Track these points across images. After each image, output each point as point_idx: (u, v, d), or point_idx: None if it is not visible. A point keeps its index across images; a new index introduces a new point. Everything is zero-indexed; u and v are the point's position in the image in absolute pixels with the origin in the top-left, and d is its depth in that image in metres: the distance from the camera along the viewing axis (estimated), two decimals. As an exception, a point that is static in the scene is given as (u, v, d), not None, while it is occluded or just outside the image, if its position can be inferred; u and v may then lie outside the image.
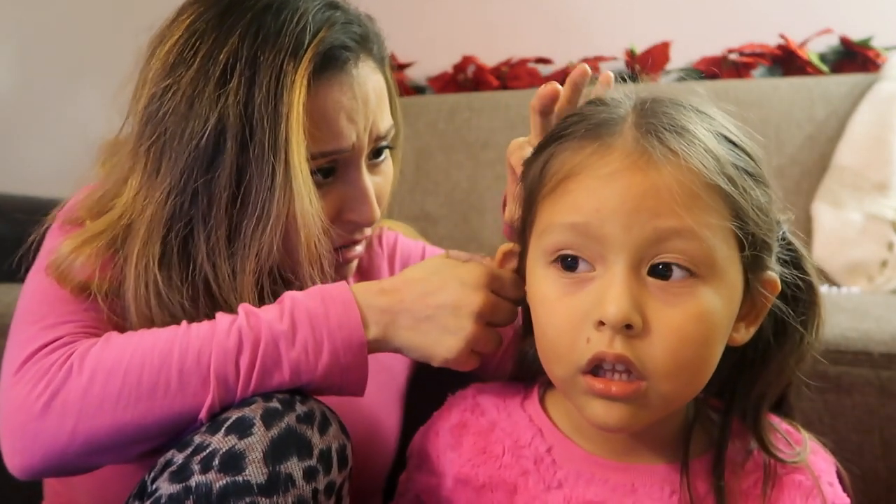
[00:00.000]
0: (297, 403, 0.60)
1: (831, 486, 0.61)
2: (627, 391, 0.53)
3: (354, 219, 0.74)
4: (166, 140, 0.67)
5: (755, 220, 0.54)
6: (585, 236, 0.54)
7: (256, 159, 0.66)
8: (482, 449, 0.63)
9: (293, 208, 0.66)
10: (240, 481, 0.55)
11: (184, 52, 0.68)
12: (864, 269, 1.39)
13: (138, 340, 0.62)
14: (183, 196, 0.67)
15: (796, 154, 1.51)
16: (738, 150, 0.56)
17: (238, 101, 0.65)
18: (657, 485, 0.59)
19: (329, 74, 0.69)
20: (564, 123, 0.59)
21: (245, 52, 0.66)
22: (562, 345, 0.55)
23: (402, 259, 0.91)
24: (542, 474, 0.61)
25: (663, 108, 0.56)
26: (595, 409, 0.55)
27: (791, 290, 0.60)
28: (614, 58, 1.81)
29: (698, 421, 0.62)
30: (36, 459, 0.60)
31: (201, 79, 0.66)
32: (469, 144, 1.67)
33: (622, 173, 0.52)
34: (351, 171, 0.73)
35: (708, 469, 0.59)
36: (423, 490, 0.67)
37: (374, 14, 0.77)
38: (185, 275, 0.67)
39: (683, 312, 0.52)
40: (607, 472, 0.60)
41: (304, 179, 0.67)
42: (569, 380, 0.56)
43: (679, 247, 0.52)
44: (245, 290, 0.67)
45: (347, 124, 0.70)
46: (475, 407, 0.66)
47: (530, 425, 0.63)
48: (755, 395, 0.61)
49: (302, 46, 0.67)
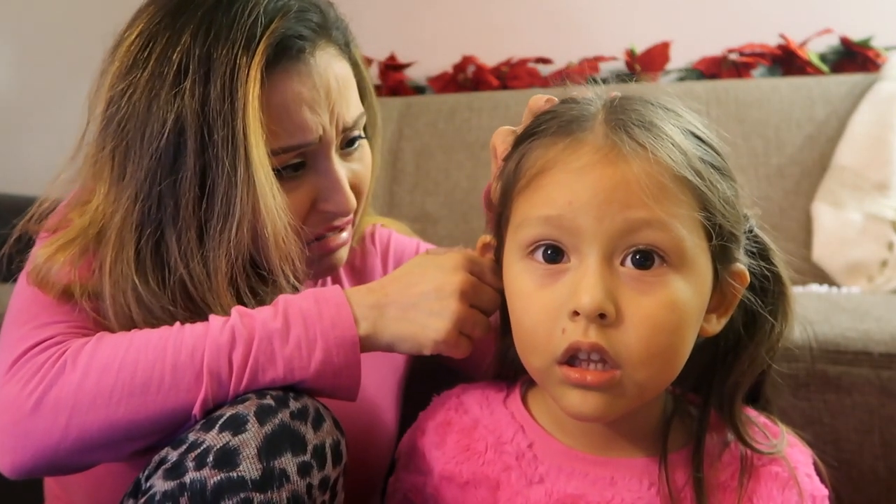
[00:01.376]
0: (291, 400, 0.60)
1: (808, 478, 0.62)
2: (602, 380, 0.54)
3: (330, 209, 0.73)
4: (128, 143, 0.67)
5: (722, 212, 0.56)
6: (559, 229, 0.55)
7: (217, 157, 0.65)
8: (465, 446, 0.64)
9: (257, 204, 0.66)
10: (234, 477, 0.55)
11: (138, 54, 0.67)
12: (864, 269, 1.39)
13: (132, 338, 0.63)
14: (150, 200, 0.66)
15: (796, 154, 1.51)
16: (705, 145, 0.58)
17: (194, 99, 0.65)
18: (636, 478, 0.60)
19: (285, 65, 0.68)
20: (538, 121, 0.61)
21: (198, 50, 0.66)
22: (538, 336, 0.56)
23: (395, 256, 0.90)
24: (524, 469, 0.62)
25: (632, 105, 0.58)
26: (571, 399, 0.56)
27: (760, 282, 0.62)
28: (614, 58, 1.81)
29: (676, 415, 0.63)
30: (27, 457, 0.60)
31: (156, 80, 0.66)
32: (469, 144, 1.67)
33: (593, 167, 0.54)
34: (321, 161, 0.72)
35: (686, 462, 0.61)
36: (410, 489, 0.68)
37: (375, 14, 0.77)
38: (160, 278, 0.67)
39: (655, 301, 0.54)
40: (587, 465, 0.61)
41: (266, 174, 0.66)
42: (545, 370, 0.57)
43: (650, 237, 0.54)
44: (220, 289, 0.67)
45: (311, 116, 0.69)
46: (459, 405, 0.67)
47: (512, 422, 0.64)
48: (729, 385, 0.63)
49: (255, 39, 0.66)
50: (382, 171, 1.69)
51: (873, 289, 1.37)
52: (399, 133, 1.71)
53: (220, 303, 0.67)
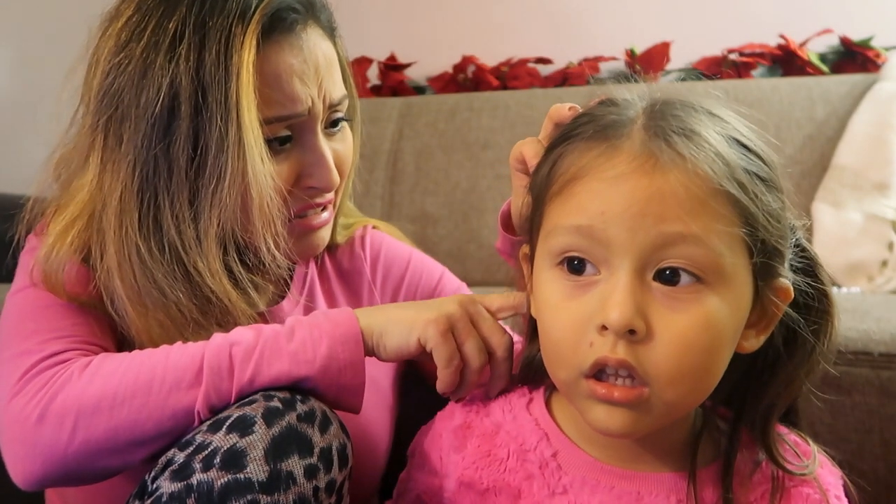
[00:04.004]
0: (298, 403, 0.60)
1: (839, 501, 0.60)
2: (630, 397, 0.52)
3: (314, 184, 0.75)
4: (124, 111, 0.69)
5: (765, 227, 0.53)
6: (590, 239, 0.53)
7: (210, 120, 0.67)
8: (486, 452, 0.62)
9: (245, 166, 0.67)
10: (241, 479, 0.55)
11: (135, 28, 0.69)
12: (864, 269, 1.39)
13: (136, 353, 0.64)
14: (146, 165, 0.68)
15: (796, 154, 1.51)
16: (751, 154, 0.54)
17: (189, 64, 0.67)
18: (663, 493, 0.58)
19: (278, 36, 0.70)
20: (574, 124, 0.59)
21: (193, 19, 0.68)
22: (565, 348, 0.54)
23: (385, 265, 0.90)
24: (547, 479, 0.60)
25: (673, 110, 0.54)
26: (597, 414, 0.54)
27: (803, 299, 0.58)
28: (614, 58, 1.81)
29: (706, 430, 0.61)
30: (37, 466, 0.60)
31: (152, 49, 0.68)
32: (469, 144, 1.67)
33: (628, 176, 0.52)
34: (307, 136, 0.74)
35: (715, 479, 0.59)
36: (424, 491, 0.66)
37: (375, 14, 0.78)
38: (158, 243, 0.69)
39: (688, 319, 0.51)
40: (613, 479, 0.59)
41: (256, 138, 0.68)
42: (572, 383, 0.55)
43: (685, 252, 0.51)
44: (210, 254, 0.69)
45: (301, 87, 0.71)
46: (480, 408, 0.66)
47: (536, 429, 0.63)
48: (764, 405, 0.60)
49: (249, 9, 0.69)
50: (382, 171, 1.69)
51: (873, 289, 1.37)
52: (399, 133, 1.71)
53: (210, 269, 0.69)
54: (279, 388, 0.62)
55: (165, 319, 0.69)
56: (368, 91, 1.95)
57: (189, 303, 0.69)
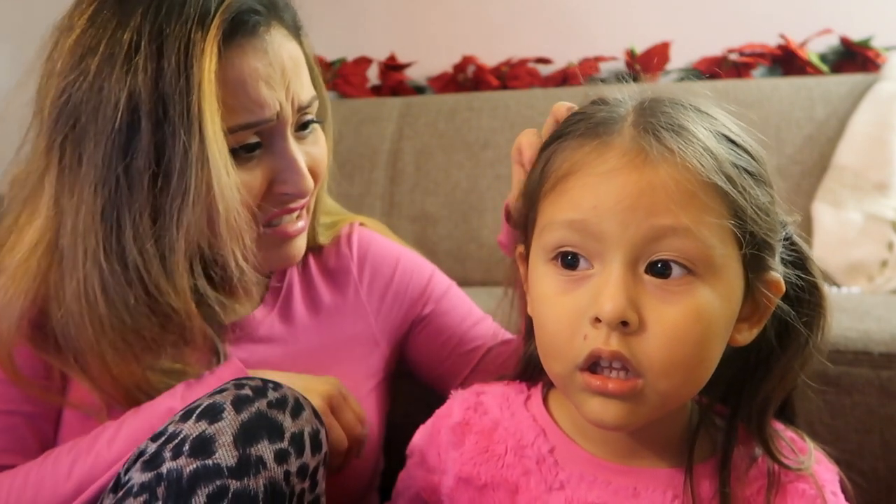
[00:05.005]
0: (270, 391, 0.61)
1: (835, 496, 0.61)
2: (624, 388, 0.53)
3: (287, 190, 0.73)
4: (81, 129, 0.66)
5: (754, 219, 0.54)
6: (583, 233, 0.54)
7: (172, 134, 0.64)
8: (484, 448, 0.63)
9: (210, 180, 0.65)
10: (210, 465, 0.55)
11: (89, 41, 0.66)
12: (864, 269, 1.39)
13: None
14: (107, 184, 0.65)
15: (796, 154, 1.51)
16: (739, 149, 0.56)
17: (147, 75, 0.64)
18: (660, 489, 0.59)
19: (240, 40, 0.68)
20: (566, 122, 0.60)
21: (149, 28, 0.65)
22: (560, 341, 0.55)
23: (372, 265, 0.88)
24: (544, 475, 0.61)
25: (663, 107, 0.56)
26: (592, 407, 0.55)
27: (795, 292, 0.59)
28: (614, 58, 1.81)
29: (703, 426, 0.61)
30: None
31: (107, 62, 0.65)
32: (469, 144, 1.67)
33: (619, 171, 0.53)
34: (277, 141, 0.71)
35: (711, 474, 0.59)
36: (423, 488, 0.67)
37: (375, 14, 0.77)
38: (121, 263, 0.67)
39: (680, 310, 0.53)
40: (610, 474, 0.60)
41: (220, 149, 0.65)
42: (567, 377, 0.56)
43: (675, 245, 0.52)
44: (175, 272, 0.67)
45: (268, 91, 0.69)
46: (478, 406, 0.66)
47: (534, 425, 0.63)
48: (760, 398, 0.61)
49: (209, 14, 0.66)
50: (382, 171, 1.69)
51: (873, 289, 1.37)
52: (399, 133, 1.71)
53: (174, 288, 0.67)
54: (251, 378, 0.63)
55: (122, 343, 0.68)
56: (368, 91, 1.95)
57: (148, 322, 0.68)
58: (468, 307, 0.90)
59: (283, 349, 0.80)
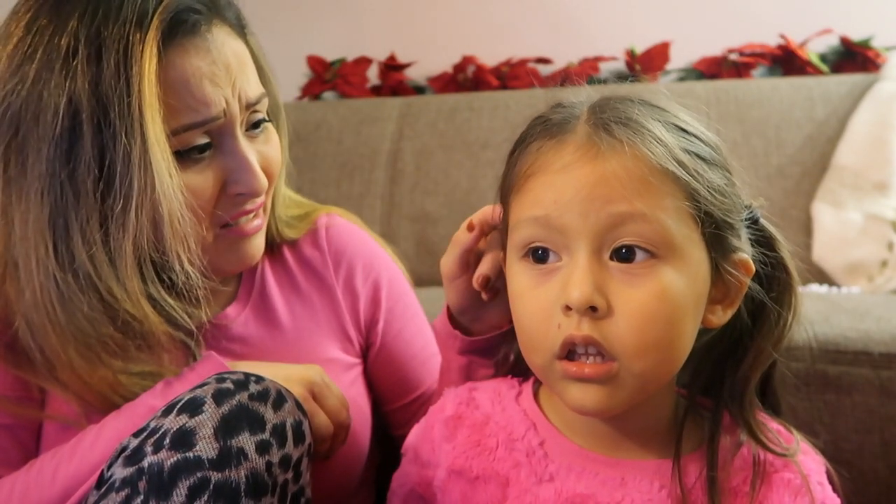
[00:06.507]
0: (252, 383, 0.61)
1: (821, 486, 0.62)
2: (600, 372, 0.55)
3: (241, 190, 0.72)
4: (23, 137, 0.66)
5: (709, 200, 0.57)
6: (548, 228, 0.57)
7: (114, 138, 0.64)
8: (476, 441, 0.65)
9: (153, 183, 0.64)
10: (190, 457, 0.56)
11: (27, 49, 0.66)
12: (864, 269, 1.39)
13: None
14: (53, 192, 0.65)
15: (796, 154, 1.51)
16: (690, 136, 0.59)
17: (86, 79, 0.64)
18: (647, 479, 0.60)
19: (181, 39, 0.67)
20: (528, 127, 0.63)
21: (86, 32, 0.64)
22: (536, 333, 0.58)
23: (349, 259, 0.87)
24: (534, 467, 0.62)
25: (614, 104, 0.60)
26: (573, 393, 0.57)
27: (765, 271, 0.62)
28: (614, 58, 1.81)
29: (689, 416, 0.63)
30: None
31: (45, 68, 0.65)
32: (469, 144, 1.67)
33: (574, 165, 0.57)
34: (227, 140, 0.70)
35: (697, 464, 0.61)
36: (418, 483, 0.68)
37: (375, 14, 0.77)
38: (73, 271, 0.66)
39: (645, 292, 0.55)
40: (597, 466, 0.61)
41: (163, 151, 0.65)
42: (546, 367, 0.58)
43: (635, 230, 0.55)
44: (127, 278, 0.66)
45: (213, 89, 0.68)
46: (471, 401, 0.68)
47: (524, 419, 0.65)
48: (738, 379, 0.63)
49: (147, 15, 0.65)
50: (382, 171, 1.69)
51: (873, 289, 1.37)
52: (399, 133, 1.71)
53: (127, 293, 0.66)
54: (232, 372, 0.63)
55: (86, 350, 0.67)
56: (368, 91, 1.95)
57: (109, 328, 0.67)
58: (424, 340, 0.89)
59: (259, 344, 0.80)
